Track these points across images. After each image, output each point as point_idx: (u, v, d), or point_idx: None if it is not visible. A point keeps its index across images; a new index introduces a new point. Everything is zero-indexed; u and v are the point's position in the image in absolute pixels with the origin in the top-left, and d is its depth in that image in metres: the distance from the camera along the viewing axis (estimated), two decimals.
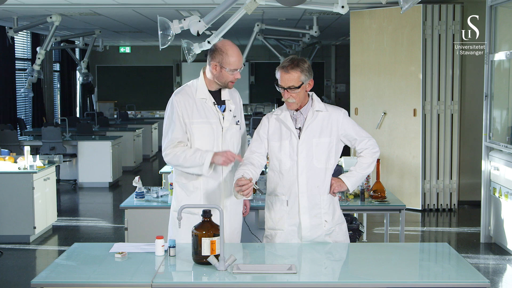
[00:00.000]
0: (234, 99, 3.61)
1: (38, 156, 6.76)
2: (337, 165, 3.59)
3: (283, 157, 3.35)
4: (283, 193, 3.38)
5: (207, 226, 2.94)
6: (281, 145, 3.35)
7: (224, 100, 3.54)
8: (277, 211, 3.41)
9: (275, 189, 3.41)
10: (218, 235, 2.91)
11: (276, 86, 3.36)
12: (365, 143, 3.45)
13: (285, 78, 3.27)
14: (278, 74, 3.32)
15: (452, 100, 7.97)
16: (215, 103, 3.50)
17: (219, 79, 3.45)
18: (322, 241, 3.37)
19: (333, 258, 3.23)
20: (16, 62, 11.54)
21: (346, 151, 5.34)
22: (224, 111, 3.52)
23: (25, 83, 10.79)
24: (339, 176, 3.48)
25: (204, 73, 3.51)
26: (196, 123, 3.45)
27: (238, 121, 3.58)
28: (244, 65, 3.51)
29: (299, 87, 3.27)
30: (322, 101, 3.49)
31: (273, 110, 3.53)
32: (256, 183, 3.26)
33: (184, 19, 4.56)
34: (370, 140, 3.46)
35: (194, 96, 3.48)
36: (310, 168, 3.33)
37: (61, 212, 8.10)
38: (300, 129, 3.35)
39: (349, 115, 3.49)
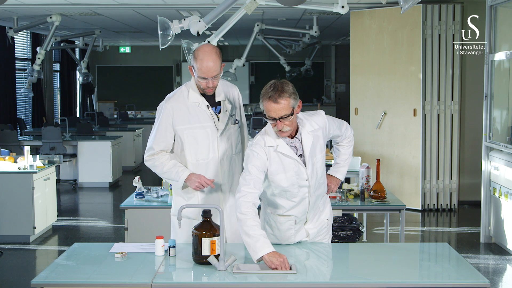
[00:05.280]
0: (232, 97, 3.51)
1: (38, 156, 6.76)
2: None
3: (291, 188, 3.18)
4: (290, 214, 3.26)
5: (207, 226, 2.95)
6: (287, 177, 3.14)
7: (220, 101, 3.45)
8: (283, 230, 3.27)
9: (279, 209, 3.26)
10: (218, 235, 2.91)
11: (264, 118, 3.07)
12: (347, 133, 3.46)
13: (275, 108, 2.98)
14: (264, 105, 3.01)
15: (452, 100, 7.97)
16: (209, 105, 3.40)
17: (196, 83, 3.38)
18: (323, 240, 3.38)
19: (333, 258, 3.23)
20: (16, 62, 11.55)
21: None
22: (219, 112, 3.43)
23: (25, 83, 10.79)
24: (330, 173, 3.49)
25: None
26: (188, 129, 3.37)
27: (237, 120, 3.51)
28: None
29: (291, 114, 3.01)
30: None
31: (262, 138, 3.14)
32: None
33: (184, 19, 4.56)
34: (347, 130, 3.45)
35: (186, 100, 3.39)
36: (318, 187, 3.26)
37: (61, 212, 8.10)
38: (301, 155, 3.17)
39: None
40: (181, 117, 3.38)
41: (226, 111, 3.45)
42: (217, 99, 3.44)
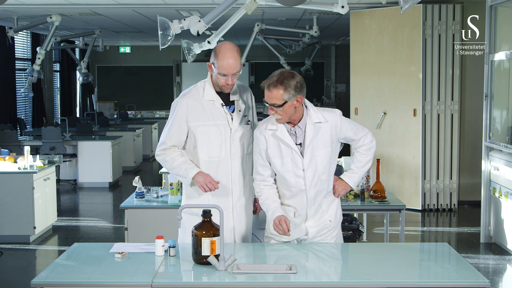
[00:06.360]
0: (246, 98, 3.53)
1: (38, 156, 6.76)
2: (337, 164, 3.58)
3: (287, 175, 3.25)
4: (289, 205, 3.32)
5: (207, 226, 2.94)
6: (283, 162, 3.23)
7: (233, 101, 3.47)
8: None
9: (283, 200, 3.33)
10: (218, 235, 2.91)
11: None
12: (363, 140, 3.41)
13: (267, 95, 3.15)
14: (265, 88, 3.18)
15: (452, 100, 7.97)
16: (223, 104, 3.43)
17: (214, 80, 3.41)
18: (325, 241, 3.37)
19: (333, 258, 3.23)
20: (16, 62, 11.54)
21: (346, 151, 5.34)
22: (233, 111, 3.45)
23: (25, 83, 10.79)
24: (341, 177, 3.44)
25: (211, 74, 3.45)
26: (202, 126, 3.39)
27: (249, 121, 3.52)
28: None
29: (281, 105, 3.12)
30: (317, 103, 3.43)
31: (265, 122, 3.31)
32: None
33: (184, 19, 4.55)
34: (366, 137, 3.42)
35: (201, 98, 3.41)
36: (317, 182, 3.27)
37: (61, 212, 8.10)
38: (301, 144, 3.23)
39: (348, 115, 3.46)
40: (195, 113, 3.40)
41: (239, 110, 3.47)
42: (231, 98, 3.47)
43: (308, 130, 3.22)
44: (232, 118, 3.44)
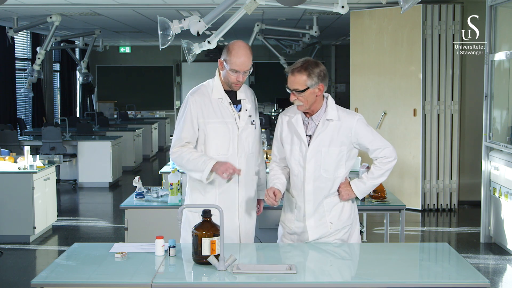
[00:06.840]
0: (250, 98, 3.58)
1: (38, 156, 6.76)
2: None
3: (292, 162, 3.33)
4: (293, 195, 3.39)
5: (207, 226, 2.94)
6: (291, 149, 3.33)
7: (240, 100, 3.52)
8: (288, 209, 3.45)
9: (289, 188, 3.44)
10: (218, 235, 2.91)
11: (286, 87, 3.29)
12: (378, 153, 3.33)
13: (291, 80, 3.22)
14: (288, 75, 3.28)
15: (452, 100, 7.97)
16: (231, 102, 3.49)
17: (224, 78, 3.45)
18: (328, 242, 3.36)
19: (333, 258, 3.23)
20: (16, 62, 11.54)
21: None
22: (240, 110, 3.51)
23: (25, 83, 10.79)
24: (350, 182, 3.42)
25: (219, 73, 3.50)
26: (211, 123, 3.44)
27: (254, 121, 3.57)
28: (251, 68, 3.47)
29: (303, 91, 3.19)
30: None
31: (289, 108, 3.42)
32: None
33: (184, 19, 4.55)
34: (384, 150, 3.32)
35: (210, 95, 3.47)
36: (317, 178, 3.29)
37: (61, 212, 8.10)
38: (310, 136, 3.29)
39: None
40: (205, 110, 3.45)
41: (246, 110, 3.53)
42: (238, 97, 3.53)
43: (320, 125, 3.27)
44: (239, 117, 3.49)
